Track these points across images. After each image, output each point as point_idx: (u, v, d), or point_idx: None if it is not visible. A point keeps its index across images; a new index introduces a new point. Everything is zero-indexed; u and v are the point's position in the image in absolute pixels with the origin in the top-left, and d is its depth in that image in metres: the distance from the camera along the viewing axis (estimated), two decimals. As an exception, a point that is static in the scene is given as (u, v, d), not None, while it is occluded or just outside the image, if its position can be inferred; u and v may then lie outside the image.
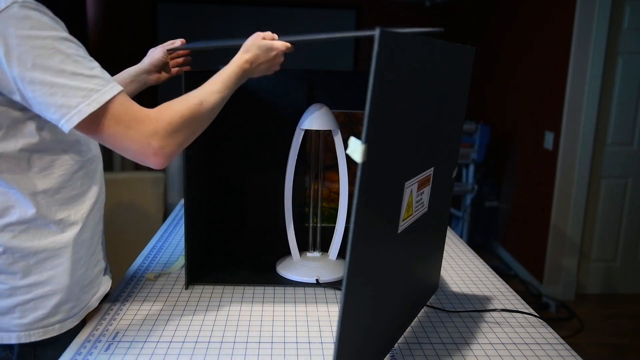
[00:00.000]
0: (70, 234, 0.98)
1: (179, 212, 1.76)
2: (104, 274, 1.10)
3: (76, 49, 0.86)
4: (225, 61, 1.07)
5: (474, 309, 1.11)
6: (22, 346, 0.96)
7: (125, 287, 1.16)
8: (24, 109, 0.88)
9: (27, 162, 0.93)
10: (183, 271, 1.25)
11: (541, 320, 1.07)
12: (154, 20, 5.39)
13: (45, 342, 0.97)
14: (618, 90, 3.15)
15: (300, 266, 1.24)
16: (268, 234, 1.50)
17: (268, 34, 1.08)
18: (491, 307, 1.13)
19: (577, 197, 3.20)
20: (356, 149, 0.65)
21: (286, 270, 1.23)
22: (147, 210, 3.08)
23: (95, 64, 0.88)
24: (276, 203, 1.57)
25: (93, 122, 0.86)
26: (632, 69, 3.13)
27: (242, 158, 1.55)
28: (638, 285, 3.41)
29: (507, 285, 1.25)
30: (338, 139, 1.21)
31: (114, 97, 0.86)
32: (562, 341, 0.99)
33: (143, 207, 3.02)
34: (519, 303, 1.15)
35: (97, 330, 0.97)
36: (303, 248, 1.30)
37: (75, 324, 1.00)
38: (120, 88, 0.88)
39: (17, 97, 0.85)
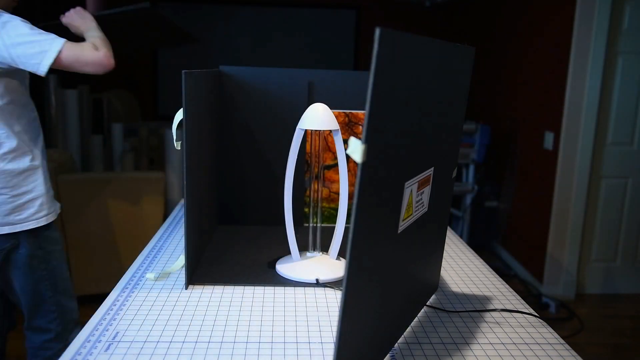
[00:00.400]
0: (38, 160, 1.71)
1: (179, 212, 1.76)
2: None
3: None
4: (226, 61, 1.07)
5: (474, 309, 1.11)
6: (25, 232, 1.68)
7: (125, 287, 1.16)
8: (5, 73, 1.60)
9: (9, 112, 1.62)
10: (183, 271, 1.25)
11: (541, 320, 1.07)
12: (154, 20, 5.38)
13: (38, 229, 1.71)
14: (618, 90, 3.15)
15: (299, 266, 1.24)
16: (269, 234, 1.50)
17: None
18: (491, 307, 1.13)
19: (577, 197, 3.20)
20: (356, 149, 0.65)
21: (286, 270, 1.23)
22: (147, 210, 3.09)
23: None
24: (277, 203, 1.57)
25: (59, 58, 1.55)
26: (632, 69, 3.13)
27: (242, 158, 1.55)
28: (638, 285, 3.41)
29: (507, 285, 1.25)
30: (338, 139, 1.21)
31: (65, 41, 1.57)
32: (562, 341, 0.99)
33: (143, 207, 3.02)
34: (519, 303, 1.15)
35: (97, 330, 0.97)
36: (303, 248, 1.30)
37: (54, 218, 1.77)
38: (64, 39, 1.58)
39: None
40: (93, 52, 1.58)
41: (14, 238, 1.67)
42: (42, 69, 1.53)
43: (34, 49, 1.50)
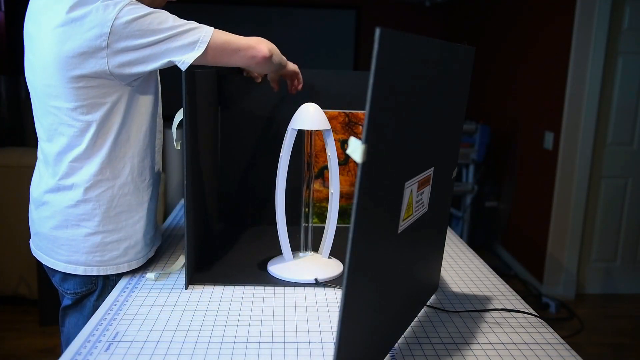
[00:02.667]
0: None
1: (179, 212, 1.76)
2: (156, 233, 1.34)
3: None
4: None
5: (474, 309, 1.11)
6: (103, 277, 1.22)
7: (125, 287, 1.16)
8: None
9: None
10: (183, 271, 1.25)
11: (541, 320, 1.07)
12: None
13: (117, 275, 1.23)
14: (618, 90, 3.15)
15: (295, 266, 1.24)
16: (268, 234, 1.50)
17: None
18: (491, 307, 1.13)
19: (577, 197, 3.20)
20: (356, 149, 0.65)
21: (280, 270, 1.23)
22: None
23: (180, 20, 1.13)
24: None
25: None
26: (632, 69, 3.13)
27: (242, 158, 1.55)
28: (638, 285, 3.41)
29: (507, 285, 1.25)
30: (330, 139, 1.21)
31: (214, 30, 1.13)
32: (562, 341, 0.99)
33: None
34: (519, 303, 1.15)
35: (97, 330, 0.97)
36: (294, 248, 1.29)
37: (140, 265, 1.24)
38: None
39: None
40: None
41: (92, 281, 1.25)
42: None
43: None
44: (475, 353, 0.94)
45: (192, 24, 1.11)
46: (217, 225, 1.57)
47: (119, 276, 1.21)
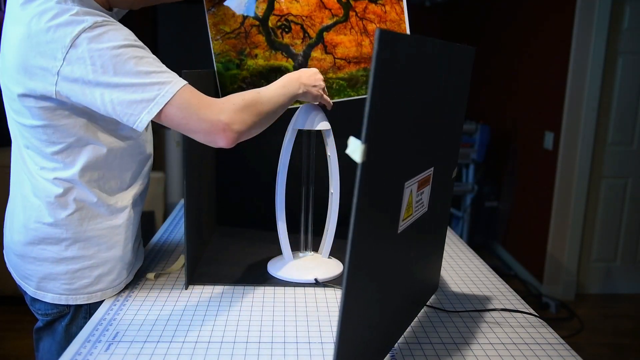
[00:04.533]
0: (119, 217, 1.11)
1: (179, 212, 1.76)
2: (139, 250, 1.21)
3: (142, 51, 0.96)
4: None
5: (474, 309, 1.11)
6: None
7: (125, 287, 1.16)
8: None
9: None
10: (183, 271, 1.25)
11: (541, 320, 1.07)
12: (154, 20, 5.39)
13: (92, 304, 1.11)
14: (618, 90, 3.15)
15: (295, 266, 1.24)
16: (268, 234, 1.50)
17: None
18: (491, 307, 1.13)
19: (577, 197, 3.20)
20: (356, 149, 0.65)
21: (280, 271, 1.23)
22: (147, 210, 3.08)
23: (159, 63, 0.98)
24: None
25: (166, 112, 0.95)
26: (632, 69, 3.13)
27: (242, 158, 1.55)
28: (638, 285, 3.41)
29: (507, 285, 1.25)
30: (330, 140, 1.21)
31: (182, 86, 0.95)
32: (562, 341, 0.99)
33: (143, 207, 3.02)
34: (519, 303, 1.15)
35: (97, 330, 0.97)
36: (294, 248, 1.29)
37: (115, 293, 1.13)
38: (185, 82, 0.97)
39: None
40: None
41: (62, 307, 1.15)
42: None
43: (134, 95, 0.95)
44: (475, 353, 0.94)
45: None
46: (217, 226, 1.57)
47: (95, 305, 1.10)
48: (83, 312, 1.10)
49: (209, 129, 0.96)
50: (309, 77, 1.15)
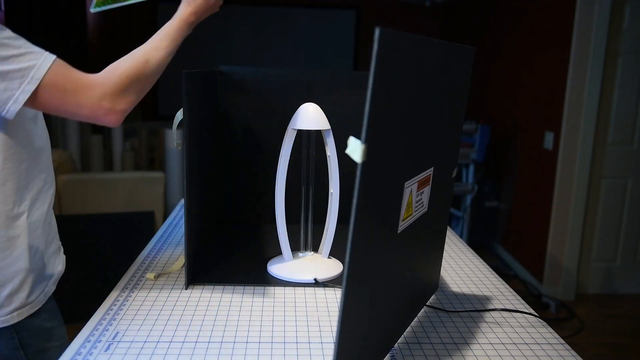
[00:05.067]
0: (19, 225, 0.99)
1: (179, 212, 1.76)
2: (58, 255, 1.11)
3: None
4: (226, 61, 1.07)
5: (474, 309, 1.11)
6: None
7: (125, 287, 1.16)
8: None
9: None
10: (183, 271, 1.25)
11: (541, 320, 1.07)
12: (154, 20, 5.39)
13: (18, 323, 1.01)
14: (618, 90, 3.15)
15: (294, 266, 1.24)
16: (268, 234, 1.50)
17: None
18: (491, 307, 1.13)
19: (577, 197, 3.20)
20: (356, 149, 0.65)
21: (280, 271, 1.23)
22: (147, 210, 3.08)
23: (22, 40, 0.87)
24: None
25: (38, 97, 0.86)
26: (632, 69, 3.13)
27: (242, 158, 1.55)
28: (638, 285, 3.41)
29: (507, 285, 1.25)
30: (330, 140, 1.21)
31: (50, 68, 0.86)
32: (562, 341, 0.99)
33: (143, 207, 3.02)
34: (519, 303, 1.15)
35: (97, 330, 0.97)
36: (294, 248, 1.29)
37: (33, 311, 1.03)
38: (53, 57, 0.87)
39: None
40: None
41: None
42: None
43: None
44: (475, 353, 0.94)
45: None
46: (217, 225, 1.57)
47: (19, 329, 0.98)
48: (10, 334, 0.99)
49: (90, 114, 0.90)
50: (210, 8, 1.08)
